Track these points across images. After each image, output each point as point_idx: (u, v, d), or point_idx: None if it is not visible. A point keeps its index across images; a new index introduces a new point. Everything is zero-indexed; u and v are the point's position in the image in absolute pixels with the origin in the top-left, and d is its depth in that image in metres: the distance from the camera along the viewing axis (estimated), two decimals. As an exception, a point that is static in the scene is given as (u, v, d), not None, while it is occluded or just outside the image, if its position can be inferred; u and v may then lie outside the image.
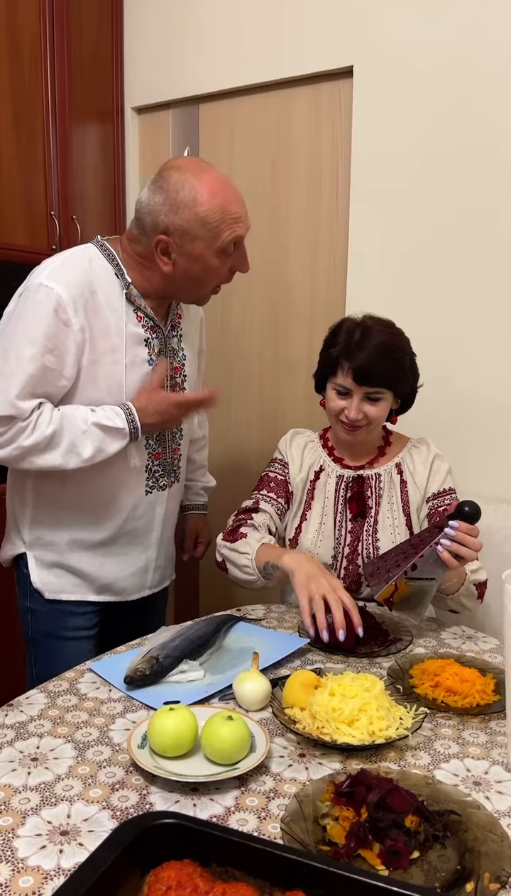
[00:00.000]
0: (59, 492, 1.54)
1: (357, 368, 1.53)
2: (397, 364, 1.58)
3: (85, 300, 1.42)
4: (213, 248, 1.44)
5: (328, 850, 0.85)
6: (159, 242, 1.43)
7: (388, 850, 0.84)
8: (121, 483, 1.55)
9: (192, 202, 1.40)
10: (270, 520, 1.69)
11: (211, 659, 1.35)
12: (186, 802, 0.95)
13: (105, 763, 1.03)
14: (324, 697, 1.09)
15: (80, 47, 2.37)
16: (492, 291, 1.94)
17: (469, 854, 0.84)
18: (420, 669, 1.27)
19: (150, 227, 1.44)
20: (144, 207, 1.45)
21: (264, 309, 2.42)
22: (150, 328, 1.53)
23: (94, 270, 1.46)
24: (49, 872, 0.82)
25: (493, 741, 1.10)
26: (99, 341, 1.45)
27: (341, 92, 2.16)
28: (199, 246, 1.43)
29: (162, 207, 1.41)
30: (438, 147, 1.97)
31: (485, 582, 1.57)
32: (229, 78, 2.33)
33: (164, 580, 1.75)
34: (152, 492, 1.60)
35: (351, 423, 1.58)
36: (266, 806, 0.95)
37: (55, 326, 1.40)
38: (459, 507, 1.38)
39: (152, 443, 1.57)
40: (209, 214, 1.40)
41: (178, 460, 1.66)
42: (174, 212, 1.40)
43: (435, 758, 1.06)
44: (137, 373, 1.50)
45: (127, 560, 1.62)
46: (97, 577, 1.60)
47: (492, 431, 1.99)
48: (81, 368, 1.44)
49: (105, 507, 1.56)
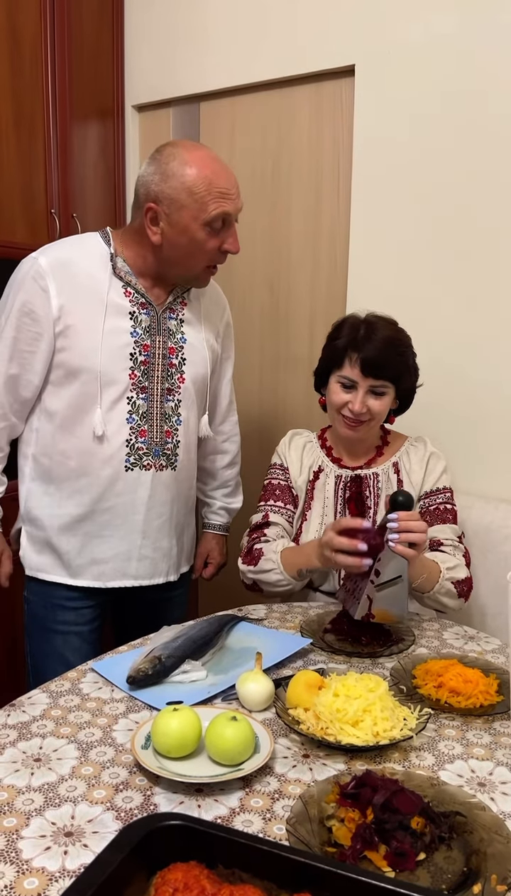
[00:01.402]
0: (47, 460, 1.59)
1: (365, 359, 1.54)
2: (402, 359, 1.59)
3: (64, 268, 1.51)
4: (200, 221, 1.47)
5: (334, 851, 0.85)
6: (149, 210, 1.49)
7: (394, 851, 0.83)
8: (92, 453, 1.56)
9: (181, 172, 1.45)
10: (283, 530, 1.69)
11: (213, 659, 1.34)
12: (191, 803, 0.94)
13: (108, 764, 1.02)
14: (328, 698, 1.09)
15: (80, 45, 2.37)
16: (494, 288, 1.94)
17: (475, 856, 0.84)
18: (423, 670, 1.27)
19: (142, 197, 1.51)
20: (139, 181, 1.52)
21: (265, 305, 2.42)
22: (139, 304, 1.56)
23: (83, 246, 1.56)
24: (54, 874, 0.82)
25: (497, 742, 1.10)
26: (74, 309, 1.50)
27: (343, 91, 2.15)
28: (186, 216, 1.47)
29: (153, 177, 1.48)
30: (440, 146, 1.96)
31: (466, 580, 1.56)
32: (230, 76, 2.32)
33: (156, 576, 1.68)
34: (133, 469, 1.59)
35: (354, 418, 1.58)
36: (271, 807, 0.94)
37: (32, 291, 1.50)
38: (392, 499, 1.39)
39: (137, 417, 1.57)
40: (196, 184, 1.45)
41: (173, 445, 1.64)
42: (163, 180, 1.47)
43: (439, 759, 1.06)
44: (115, 342, 1.53)
45: (107, 542, 1.61)
46: (74, 557, 1.60)
47: (492, 430, 1.99)
48: (58, 333, 1.51)
49: (80, 477, 1.57)
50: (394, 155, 2.04)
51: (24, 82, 2.21)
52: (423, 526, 1.37)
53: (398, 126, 2.02)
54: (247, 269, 2.43)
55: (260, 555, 1.62)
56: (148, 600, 1.70)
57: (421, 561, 1.46)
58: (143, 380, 1.57)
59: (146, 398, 1.58)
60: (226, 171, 1.50)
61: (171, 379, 1.61)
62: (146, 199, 1.49)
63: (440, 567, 1.51)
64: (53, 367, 1.53)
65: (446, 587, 1.51)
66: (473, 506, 1.90)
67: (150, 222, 1.50)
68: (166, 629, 1.41)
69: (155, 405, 1.60)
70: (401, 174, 2.04)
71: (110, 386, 1.54)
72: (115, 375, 1.54)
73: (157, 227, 1.50)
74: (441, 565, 1.51)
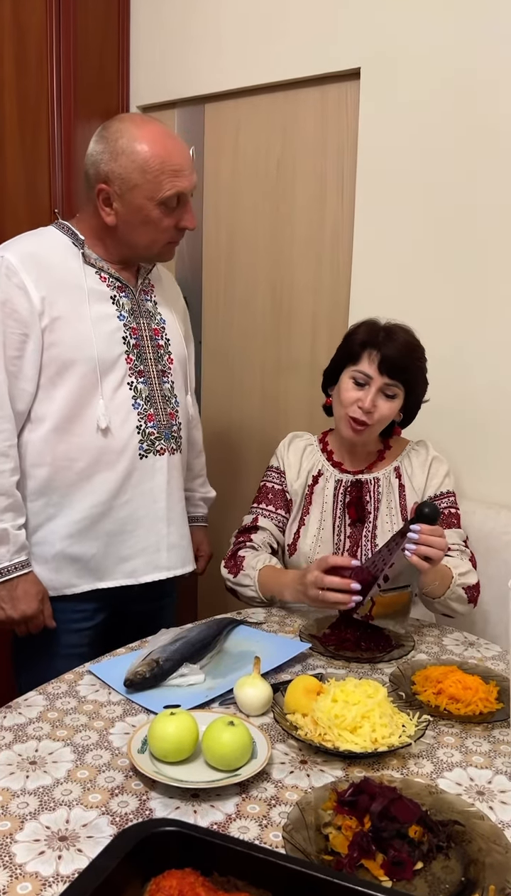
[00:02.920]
0: (45, 470, 1.50)
1: (385, 356, 1.54)
2: (418, 365, 1.60)
3: (35, 261, 1.45)
4: (155, 200, 1.43)
5: (331, 859, 0.84)
6: (100, 192, 1.44)
7: (391, 860, 0.83)
8: (101, 448, 1.50)
9: (131, 150, 1.40)
10: (270, 536, 1.69)
11: (211, 663, 1.34)
12: (187, 809, 0.94)
13: (104, 767, 1.02)
14: (326, 704, 1.08)
15: (86, 45, 2.36)
16: (499, 293, 1.93)
17: (473, 865, 0.83)
18: (422, 676, 1.26)
19: (92, 177, 1.46)
20: (88, 159, 1.47)
21: (267, 309, 2.41)
22: (117, 287, 1.53)
23: (46, 239, 1.51)
24: (47, 879, 0.81)
25: (497, 750, 1.09)
26: (57, 299, 1.45)
27: (348, 94, 2.15)
28: (139, 196, 1.43)
29: (102, 156, 1.43)
30: (444, 150, 1.96)
31: (475, 585, 1.56)
32: (235, 78, 2.32)
33: (187, 564, 1.66)
34: (148, 456, 1.56)
35: (360, 419, 1.57)
36: (267, 813, 0.94)
37: (8, 291, 1.42)
38: (418, 509, 1.38)
39: (142, 402, 1.55)
40: (148, 162, 1.40)
41: (177, 427, 1.62)
42: (113, 159, 1.41)
43: (438, 766, 1.05)
44: (105, 329, 1.50)
45: (132, 537, 1.56)
46: (100, 560, 1.54)
47: (495, 436, 1.98)
48: (45, 329, 1.44)
49: (91, 476, 1.51)
50: (398, 158, 2.04)
51: (29, 81, 2.21)
52: (442, 543, 1.37)
53: (403, 130, 2.02)
54: (249, 272, 2.42)
55: (241, 564, 1.62)
56: (142, 612, 1.65)
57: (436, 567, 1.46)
58: (138, 363, 1.54)
59: (145, 381, 1.56)
60: (179, 146, 1.45)
61: (161, 360, 1.59)
62: (96, 179, 1.44)
63: (452, 573, 1.50)
64: (43, 366, 1.46)
65: (457, 593, 1.51)
66: (475, 512, 1.89)
67: (103, 203, 1.45)
68: (164, 632, 1.40)
69: (155, 388, 1.57)
70: (405, 178, 2.03)
71: (109, 373, 1.50)
72: (113, 361, 1.50)
73: (110, 208, 1.45)
74: (453, 570, 1.51)
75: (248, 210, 2.40)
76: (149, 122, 1.45)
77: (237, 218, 2.42)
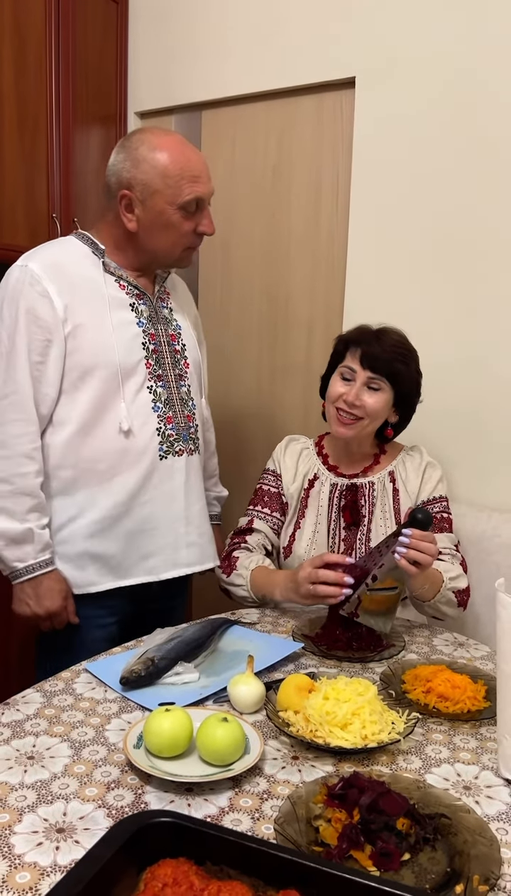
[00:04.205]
0: (69, 472, 1.54)
1: (365, 351, 1.59)
2: (404, 363, 1.62)
3: (57, 269, 1.50)
4: (175, 204, 1.50)
5: (321, 851, 0.87)
6: (123, 198, 1.51)
7: (379, 851, 0.85)
8: (123, 449, 1.54)
9: (152, 157, 1.48)
10: (265, 538, 1.72)
11: (206, 661, 1.36)
12: (181, 802, 0.96)
13: (101, 762, 1.04)
14: (318, 701, 1.11)
15: (84, 50, 2.39)
16: (492, 300, 1.96)
17: (459, 857, 0.86)
18: (412, 675, 1.29)
19: (114, 185, 1.52)
20: (110, 169, 1.53)
21: (263, 314, 2.44)
22: (136, 295, 1.59)
23: (67, 248, 1.56)
24: (46, 869, 0.83)
25: (484, 747, 1.12)
26: (79, 307, 1.50)
27: (343, 102, 2.18)
28: (160, 200, 1.49)
29: (124, 164, 1.50)
30: (439, 157, 1.99)
31: (466, 589, 1.58)
32: (232, 85, 2.35)
33: (205, 560, 1.69)
34: (167, 457, 1.60)
35: (347, 411, 1.60)
36: (259, 807, 0.96)
37: (32, 299, 1.47)
38: (412, 514, 1.41)
39: (161, 405, 1.59)
40: (168, 168, 1.47)
41: (194, 429, 1.67)
42: (135, 166, 1.49)
43: (426, 762, 1.08)
44: (125, 335, 1.55)
45: (152, 536, 1.59)
46: (122, 558, 1.57)
47: (487, 440, 2.01)
48: (67, 335, 1.49)
49: (113, 477, 1.55)
50: (392, 166, 2.07)
51: (29, 86, 2.23)
52: (433, 549, 1.39)
53: (397, 138, 2.05)
54: (246, 277, 2.45)
55: (234, 565, 1.65)
56: (158, 609, 1.67)
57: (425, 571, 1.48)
58: (157, 368, 1.59)
59: (164, 385, 1.60)
60: (196, 155, 1.52)
61: (178, 365, 1.64)
62: (119, 186, 1.51)
63: (443, 576, 1.53)
64: (66, 371, 1.51)
65: (447, 596, 1.53)
66: (466, 515, 1.92)
67: (125, 209, 1.51)
68: (160, 631, 1.42)
69: (173, 391, 1.62)
70: (399, 184, 2.06)
71: (130, 378, 1.55)
72: (133, 366, 1.55)
73: (132, 213, 1.51)
74: (444, 574, 1.53)
75: (244, 215, 2.42)
76: (168, 133, 1.53)
77: (233, 223, 2.44)
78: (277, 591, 1.56)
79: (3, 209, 2.22)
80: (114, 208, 1.53)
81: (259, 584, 1.61)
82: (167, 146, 1.49)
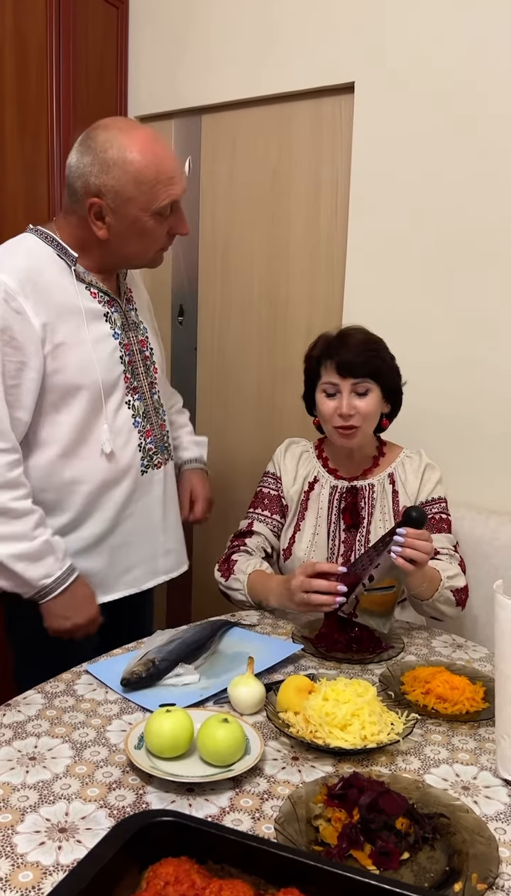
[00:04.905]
0: (53, 494, 1.48)
1: (340, 361, 1.59)
2: (378, 355, 1.63)
3: (33, 283, 1.37)
4: (150, 211, 1.39)
5: (321, 850, 0.87)
6: (92, 206, 1.38)
7: (379, 850, 0.86)
8: (108, 468, 1.50)
9: (123, 160, 1.34)
10: (265, 541, 1.72)
11: (206, 663, 1.37)
12: (182, 802, 0.97)
13: (102, 763, 1.05)
14: (317, 702, 1.11)
15: (85, 55, 2.40)
16: (491, 305, 1.97)
17: (457, 856, 0.87)
18: (411, 676, 1.30)
19: (81, 191, 1.39)
20: (73, 172, 1.40)
21: (262, 317, 2.45)
22: (107, 302, 1.49)
23: (36, 254, 1.42)
24: (48, 868, 0.84)
25: (482, 748, 1.13)
26: (58, 325, 1.40)
27: (342, 107, 2.19)
28: (134, 208, 1.38)
29: (91, 168, 1.36)
30: (437, 163, 2.00)
31: (464, 588, 1.59)
32: (232, 90, 2.36)
33: (181, 565, 1.70)
34: (148, 471, 1.58)
35: (346, 424, 1.60)
36: (260, 807, 0.97)
37: (6, 317, 1.34)
38: (406, 513, 1.42)
39: (140, 419, 1.55)
40: (142, 172, 1.35)
41: (167, 435, 1.65)
42: (105, 171, 1.35)
43: (425, 763, 1.08)
44: (105, 350, 1.47)
45: (133, 549, 1.58)
46: (106, 573, 1.55)
47: (485, 442, 2.02)
48: (47, 354, 1.39)
49: (99, 497, 1.51)
50: (391, 170, 2.08)
51: (29, 91, 2.24)
52: (428, 547, 1.40)
53: (396, 142, 2.06)
54: (245, 281, 2.46)
55: (233, 568, 1.66)
56: (126, 616, 1.65)
57: (422, 570, 1.49)
58: (133, 381, 1.54)
59: (140, 398, 1.56)
60: (168, 151, 1.40)
61: (149, 372, 1.59)
62: (86, 193, 1.38)
63: (440, 575, 1.54)
64: (46, 392, 1.41)
65: (446, 595, 1.54)
66: (465, 517, 1.93)
67: (95, 217, 1.39)
68: (160, 633, 1.43)
69: (148, 402, 1.58)
70: (398, 188, 2.07)
71: (111, 395, 1.49)
72: (114, 383, 1.50)
73: (102, 222, 1.40)
74: (442, 574, 1.54)
75: (244, 219, 2.43)
76: (135, 128, 1.39)
77: (233, 227, 2.46)
78: (272, 598, 1.57)
79: (4, 213, 2.23)
80: (79, 212, 1.41)
81: (255, 588, 1.62)
82: (138, 146, 1.35)
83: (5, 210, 2.23)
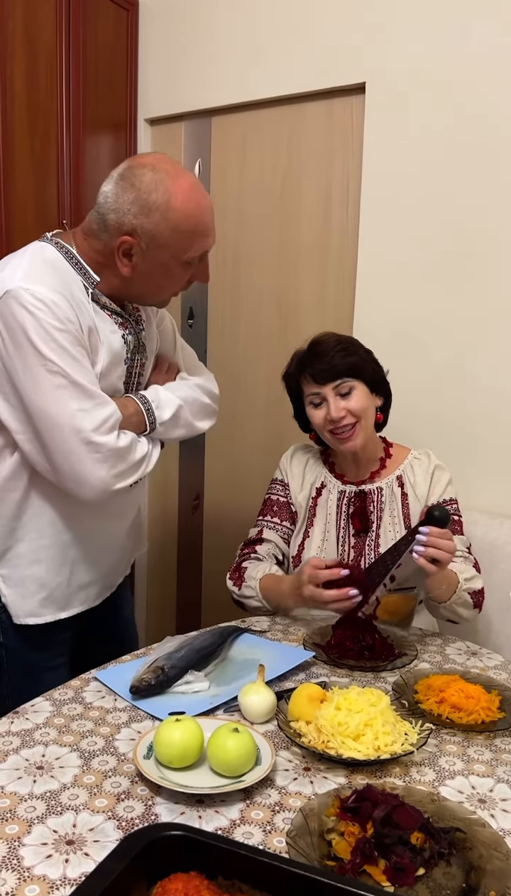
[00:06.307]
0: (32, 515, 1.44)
1: (314, 371, 1.60)
2: (351, 353, 1.61)
3: (67, 299, 1.33)
4: (180, 259, 1.38)
5: (333, 865, 0.85)
6: (123, 244, 1.35)
7: (393, 866, 0.84)
8: None
9: (166, 207, 1.32)
10: (276, 548, 1.71)
11: (216, 670, 1.35)
12: (192, 814, 0.95)
13: (110, 773, 1.03)
14: (329, 711, 1.09)
15: (95, 58, 2.40)
16: (503, 306, 1.95)
17: (474, 872, 0.84)
18: (425, 685, 1.27)
19: (113, 225, 1.35)
20: (110, 204, 1.35)
21: (273, 321, 2.43)
22: (121, 324, 1.45)
23: (61, 268, 1.38)
24: (55, 882, 0.82)
25: (498, 759, 1.10)
26: (91, 341, 1.38)
27: (353, 108, 2.17)
28: (165, 254, 1.36)
29: (131, 207, 1.33)
30: (449, 165, 1.98)
31: (481, 590, 1.57)
32: (242, 92, 2.35)
33: (127, 569, 1.67)
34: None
35: (339, 427, 1.59)
36: (271, 819, 0.95)
37: (63, 322, 1.30)
38: (429, 512, 1.40)
39: None
40: (181, 223, 1.33)
41: None
42: (145, 214, 1.32)
43: (440, 774, 1.06)
44: (114, 373, 1.44)
45: (94, 565, 1.52)
46: (64, 589, 1.48)
47: (498, 445, 1.99)
48: None
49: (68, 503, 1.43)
50: (403, 172, 2.06)
51: (39, 93, 2.24)
52: (451, 546, 1.38)
53: (407, 144, 2.04)
54: (256, 286, 2.45)
55: (244, 576, 1.65)
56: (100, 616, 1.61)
57: (443, 571, 1.47)
58: None
59: None
60: (207, 202, 1.38)
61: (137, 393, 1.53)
62: (119, 230, 1.34)
63: (458, 577, 1.52)
64: None
65: (463, 597, 1.52)
66: (478, 522, 1.90)
67: (123, 254, 1.36)
68: (170, 639, 1.41)
69: None
70: (410, 191, 2.05)
71: None
72: None
73: (129, 259, 1.37)
74: (459, 576, 1.52)
75: (254, 222, 2.42)
76: (181, 175, 1.36)
77: (243, 230, 2.44)
78: (288, 599, 1.55)
79: (14, 215, 2.22)
80: (105, 241, 1.37)
81: (268, 592, 1.60)
82: (183, 196, 1.32)
83: (15, 212, 2.22)
